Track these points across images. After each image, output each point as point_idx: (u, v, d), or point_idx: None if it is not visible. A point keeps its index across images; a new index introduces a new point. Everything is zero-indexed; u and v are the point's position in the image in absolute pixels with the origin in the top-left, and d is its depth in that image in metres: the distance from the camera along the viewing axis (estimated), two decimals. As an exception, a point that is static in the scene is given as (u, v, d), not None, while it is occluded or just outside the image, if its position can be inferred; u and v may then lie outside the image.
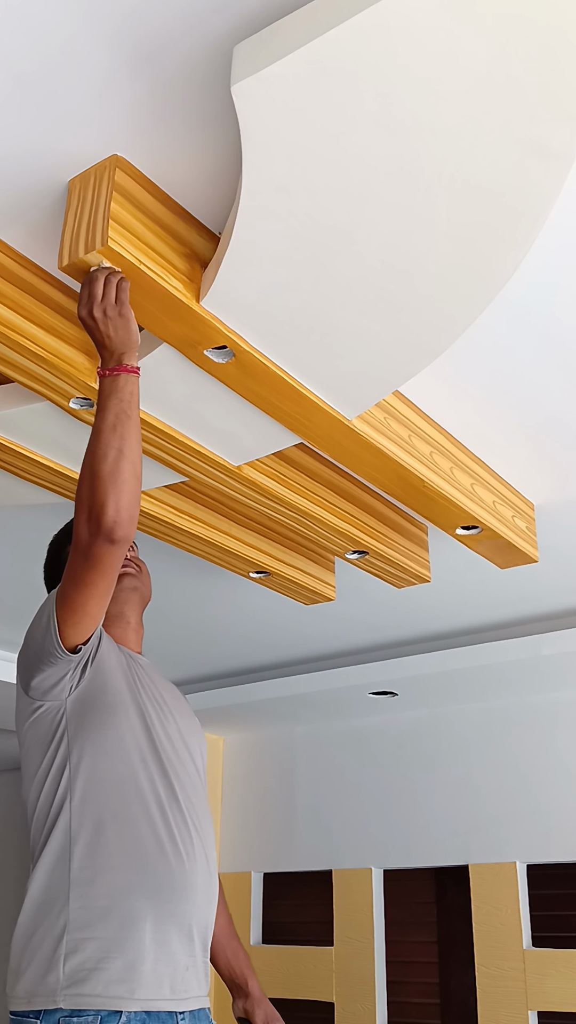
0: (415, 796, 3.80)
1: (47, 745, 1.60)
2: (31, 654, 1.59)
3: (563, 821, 3.45)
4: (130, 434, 1.41)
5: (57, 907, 1.51)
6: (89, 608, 1.52)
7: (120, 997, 1.45)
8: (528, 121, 1.24)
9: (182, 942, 1.55)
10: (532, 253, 1.58)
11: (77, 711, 1.60)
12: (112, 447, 1.40)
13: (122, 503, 1.40)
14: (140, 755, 1.61)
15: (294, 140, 1.27)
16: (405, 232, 1.43)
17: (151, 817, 1.57)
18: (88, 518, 1.42)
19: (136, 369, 1.44)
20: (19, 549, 2.79)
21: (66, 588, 1.52)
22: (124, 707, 1.64)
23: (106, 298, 1.41)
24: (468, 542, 2.41)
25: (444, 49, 1.14)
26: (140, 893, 1.52)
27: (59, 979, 1.46)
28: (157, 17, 1.20)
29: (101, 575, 1.47)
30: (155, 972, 1.50)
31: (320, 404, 1.81)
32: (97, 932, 1.49)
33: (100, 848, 1.53)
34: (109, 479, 1.39)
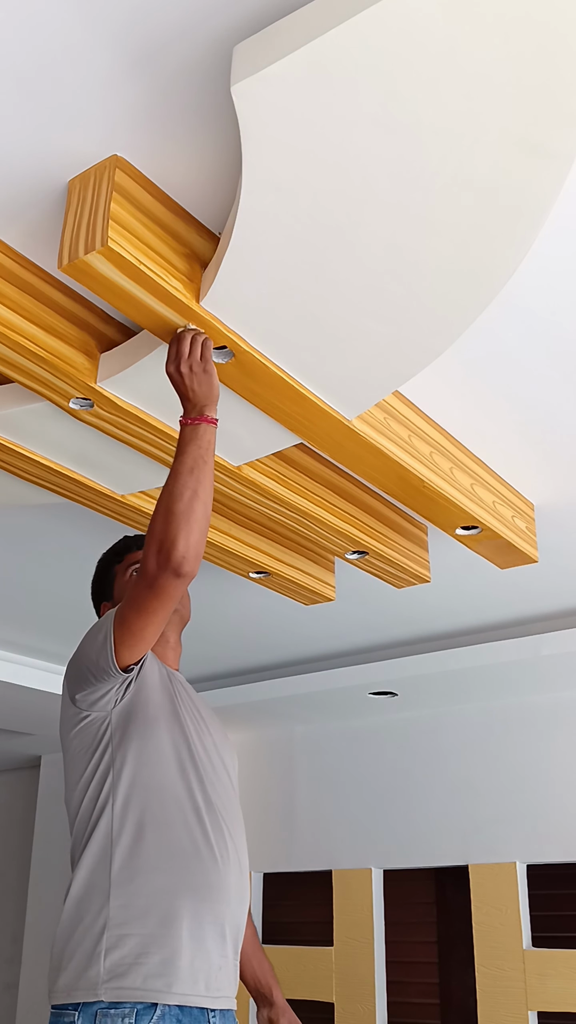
0: (415, 796, 3.80)
1: (92, 753, 1.70)
2: (83, 668, 1.70)
3: (563, 821, 3.45)
4: (205, 478, 1.53)
5: (98, 905, 1.60)
6: (147, 633, 1.62)
7: (158, 991, 1.54)
8: (527, 121, 1.24)
9: (216, 941, 1.63)
10: (532, 253, 1.58)
11: (122, 722, 1.71)
12: (188, 488, 1.51)
13: (192, 540, 1.51)
14: (179, 764, 1.71)
15: (294, 140, 1.27)
16: (405, 232, 1.43)
17: (188, 821, 1.67)
18: (159, 551, 1.51)
19: (215, 420, 1.57)
20: (19, 549, 2.79)
21: (127, 612, 1.61)
22: (165, 719, 1.74)
23: (192, 356, 1.54)
24: (468, 542, 2.41)
25: (444, 50, 1.14)
26: (177, 892, 1.61)
27: (100, 973, 1.54)
28: (157, 17, 1.20)
29: (162, 605, 1.57)
30: (191, 968, 1.58)
31: (320, 404, 1.81)
32: (136, 929, 1.57)
33: (140, 850, 1.63)
34: (183, 517, 1.50)
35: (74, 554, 2.81)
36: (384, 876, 3.84)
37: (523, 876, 3.51)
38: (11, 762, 5.35)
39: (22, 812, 5.42)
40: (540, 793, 3.53)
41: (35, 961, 4.74)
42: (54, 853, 4.84)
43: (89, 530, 2.64)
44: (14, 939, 5.14)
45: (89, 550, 2.77)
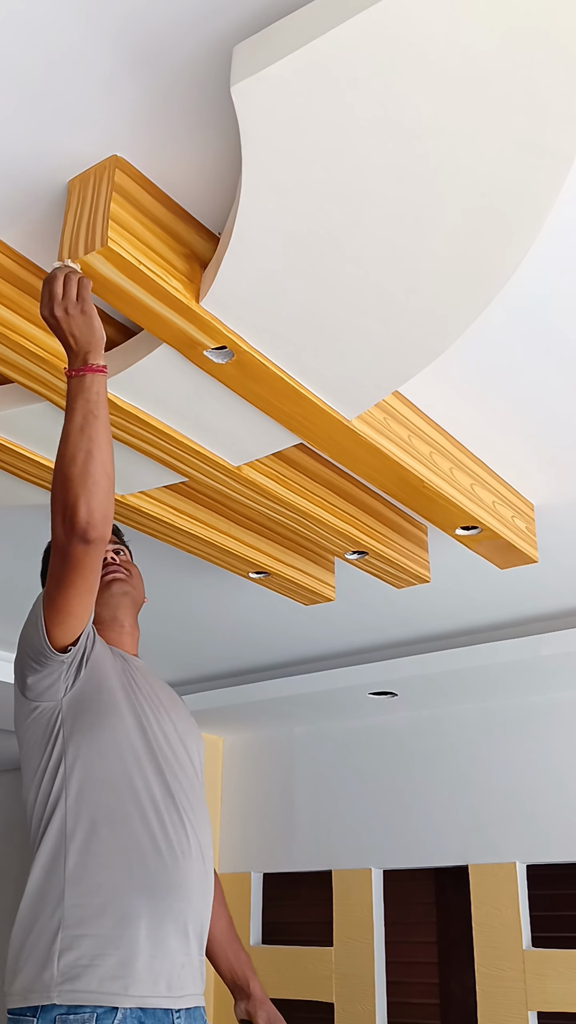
0: (415, 796, 3.80)
1: (43, 745, 1.63)
2: (25, 655, 1.63)
3: (563, 821, 3.45)
4: (99, 434, 1.40)
5: (52, 904, 1.53)
6: (72, 607, 1.53)
7: (115, 994, 1.47)
8: (527, 121, 1.24)
9: (178, 939, 1.56)
10: (532, 253, 1.58)
11: (72, 712, 1.63)
12: (81, 449, 1.40)
13: (94, 504, 1.40)
14: (134, 755, 1.64)
15: (294, 140, 1.27)
16: (404, 232, 1.43)
17: (145, 816, 1.59)
18: (63, 520, 1.42)
19: (103, 368, 1.42)
20: (18, 549, 2.79)
21: (49, 589, 1.54)
22: (118, 708, 1.66)
23: (67, 296, 1.38)
24: (468, 542, 2.41)
25: (443, 50, 1.14)
26: (135, 891, 1.54)
27: (54, 975, 1.47)
28: (157, 18, 1.20)
29: (80, 575, 1.48)
30: (150, 969, 1.51)
31: (320, 404, 1.81)
32: (92, 929, 1.50)
33: (94, 846, 1.55)
34: (79, 481, 1.39)
35: (74, 554, 2.80)
36: (384, 876, 3.84)
37: (523, 876, 3.51)
38: (10, 762, 5.35)
39: (22, 812, 5.42)
40: (540, 793, 3.53)
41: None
42: (54, 853, 4.84)
43: (89, 530, 2.64)
44: (14, 939, 5.14)
45: (89, 550, 2.77)
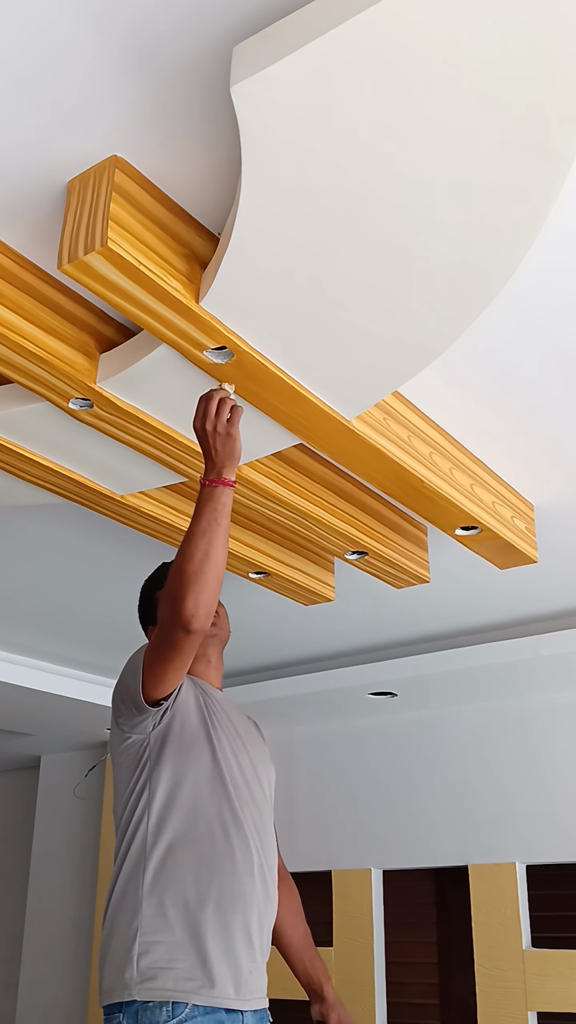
0: (415, 796, 3.80)
1: (132, 771, 1.84)
2: (123, 695, 1.83)
3: (563, 822, 3.45)
4: (218, 539, 1.60)
5: (130, 914, 1.74)
6: (168, 676, 1.74)
7: (188, 992, 1.67)
8: (527, 121, 1.24)
9: (244, 948, 1.75)
10: (532, 254, 1.58)
11: (158, 745, 1.84)
12: (199, 550, 1.59)
13: (201, 600, 1.59)
14: (209, 785, 1.83)
15: (294, 141, 1.27)
16: (404, 232, 1.43)
17: (215, 838, 1.79)
18: (171, 608, 1.61)
19: (233, 483, 1.63)
20: (19, 550, 2.79)
21: (151, 655, 1.75)
22: (197, 743, 1.86)
23: (219, 417, 1.60)
24: (467, 543, 2.41)
25: (443, 50, 1.14)
26: (206, 904, 1.73)
27: (133, 975, 1.69)
28: (157, 18, 1.20)
29: (178, 656, 1.69)
30: (223, 974, 1.70)
31: (319, 405, 1.81)
32: (166, 937, 1.71)
33: (169, 864, 1.76)
34: (192, 578, 1.59)
35: (74, 555, 2.81)
36: (384, 876, 3.84)
37: (523, 876, 3.51)
38: (11, 762, 5.35)
39: (22, 813, 5.42)
40: (540, 793, 3.53)
41: (35, 962, 4.74)
42: (54, 854, 4.84)
43: (89, 531, 2.64)
44: (13, 940, 5.14)
45: (89, 551, 2.78)
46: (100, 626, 3.43)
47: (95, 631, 3.48)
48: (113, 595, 3.12)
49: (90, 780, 4.79)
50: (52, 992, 4.61)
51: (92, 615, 3.32)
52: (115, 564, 2.87)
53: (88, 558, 2.83)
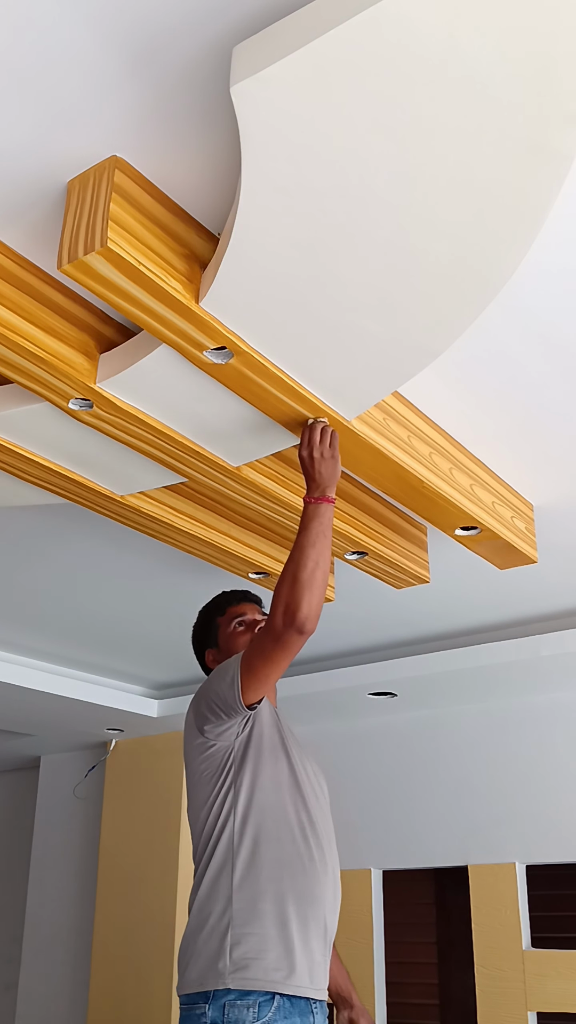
0: (415, 797, 3.80)
1: (216, 776, 1.96)
2: (212, 704, 1.94)
3: (562, 822, 3.45)
4: (325, 550, 1.82)
5: (221, 907, 1.86)
6: (271, 678, 1.89)
7: (276, 982, 1.79)
8: (527, 121, 1.24)
9: (318, 941, 1.88)
10: (532, 254, 1.58)
11: (242, 752, 1.97)
12: (311, 559, 1.79)
13: (313, 604, 1.78)
14: (287, 789, 1.97)
15: (293, 141, 1.27)
16: (404, 232, 1.43)
17: (295, 838, 1.93)
18: (285, 612, 1.78)
19: (333, 500, 1.86)
20: (18, 550, 2.79)
21: (254, 660, 1.87)
22: (276, 751, 2.01)
23: (323, 444, 1.84)
24: (467, 543, 2.41)
25: (443, 50, 1.14)
26: (288, 899, 1.86)
27: (226, 965, 1.80)
28: (157, 18, 1.20)
29: (285, 656, 1.84)
30: (302, 964, 1.83)
31: (319, 405, 1.81)
32: (256, 929, 1.83)
33: (256, 860, 1.89)
34: (306, 585, 1.77)
35: (74, 555, 2.81)
36: (384, 876, 3.84)
37: (522, 877, 3.51)
38: (11, 763, 5.35)
39: (22, 813, 5.42)
40: (539, 794, 3.53)
41: (34, 961, 4.74)
42: (54, 854, 4.84)
43: (89, 531, 2.64)
44: (13, 939, 5.14)
45: (89, 551, 2.77)
46: (100, 627, 3.43)
47: (95, 631, 3.48)
48: (113, 595, 3.12)
49: (90, 780, 4.79)
50: (52, 992, 4.61)
51: (92, 615, 3.32)
52: (115, 564, 2.87)
53: (88, 558, 2.83)
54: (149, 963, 4.12)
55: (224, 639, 2.19)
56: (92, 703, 3.91)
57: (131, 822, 4.42)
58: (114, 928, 4.31)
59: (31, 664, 3.78)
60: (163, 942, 4.11)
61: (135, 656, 3.77)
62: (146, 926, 4.19)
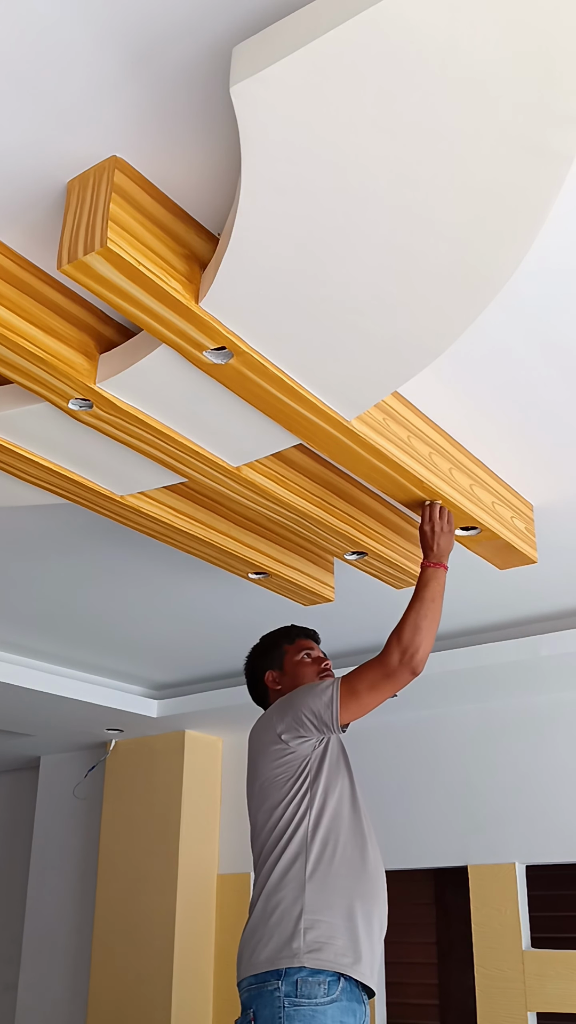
0: (414, 797, 3.80)
1: (293, 780, 2.16)
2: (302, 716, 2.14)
3: (562, 822, 3.45)
4: (438, 608, 2.15)
5: (294, 893, 2.05)
6: (370, 706, 2.13)
7: (345, 965, 1.97)
8: (527, 121, 1.24)
9: (377, 935, 2.09)
10: (531, 254, 1.58)
11: (317, 762, 2.19)
12: (431, 613, 2.12)
13: (426, 650, 2.09)
14: (348, 798, 2.20)
15: (293, 141, 1.27)
16: (404, 232, 1.43)
17: (357, 842, 2.15)
18: (403, 652, 2.08)
19: (446, 567, 2.20)
20: (18, 550, 2.79)
21: (359, 687, 2.11)
22: (342, 766, 2.25)
23: (442, 521, 2.20)
24: (467, 543, 2.41)
25: (443, 50, 1.14)
26: (354, 894, 2.07)
27: (301, 946, 1.97)
28: (156, 18, 1.20)
29: (391, 689, 2.11)
30: (366, 955, 2.02)
31: (319, 405, 1.81)
32: (326, 917, 2.02)
33: (326, 857, 2.09)
34: (425, 633, 2.09)
35: (74, 555, 2.81)
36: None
37: (522, 877, 3.51)
38: (11, 763, 5.35)
39: (22, 813, 5.42)
40: (539, 794, 3.53)
41: (34, 962, 4.74)
42: (53, 854, 4.84)
43: (89, 531, 2.64)
44: (13, 940, 5.14)
45: (89, 551, 2.78)
46: (99, 626, 3.43)
47: (95, 631, 3.48)
48: (113, 595, 3.12)
49: (89, 780, 4.79)
50: (52, 992, 4.60)
51: (92, 615, 3.32)
52: (114, 564, 2.87)
53: (88, 558, 2.83)
54: (149, 963, 4.12)
55: (291, 665, 2.40)
56: (92, 703, 3.91)
57: (131, 822, 4.42)
58: (114, 928, 4.31)
59: (31, 664, 3.78)
60: (163, 942, 4.11)
61: (135, 656, 3.77)
62: (146, 926, 4.19)
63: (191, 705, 4.03)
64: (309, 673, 2.35)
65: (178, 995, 4.00)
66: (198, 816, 4.32)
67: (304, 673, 2.35)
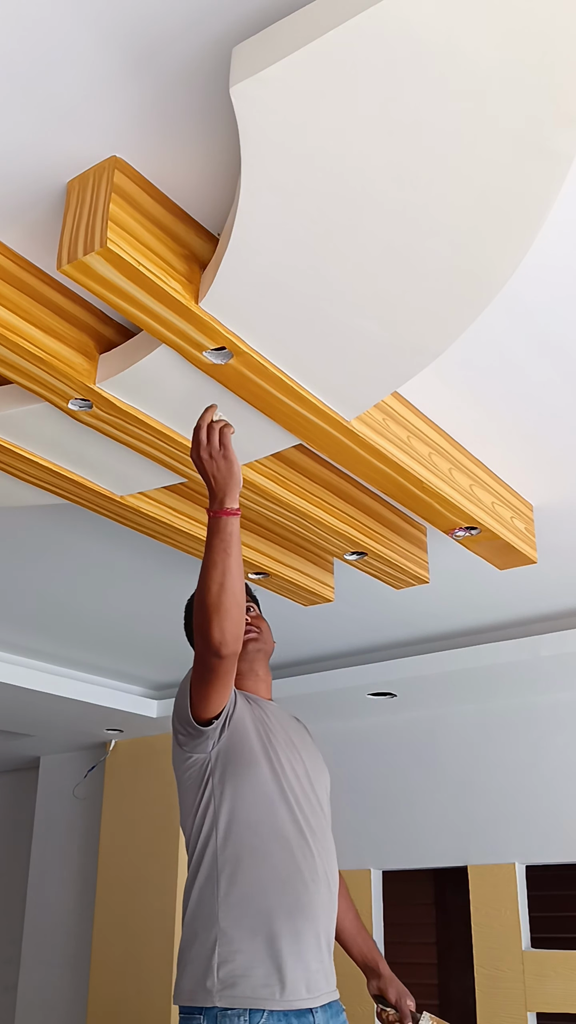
0: (414, 797, 3.80)
1: (197, 788, 1.90)
2: (179, 717, 1.90)
3: (562, 822, 3.45)
4: (231, 568, 1.66)
5: (208, 923, 1.82)
6: (212, 698, 1.82)
7: (265, 999, 1.75)
8: (527, 122, 1.24)
9: (313, 951, 1.84)
10: (531, 254, 1.58)
11: (220, 763, 1.90)
12: (215, 581, 1.66)
13: (226, 627, 1.67)
14: (270, 799, 1.89)
15: (293, 141, 1.27)
16: (403, 233, 1.43)
17: (283, 851, 1.86)
18: (201, 638, 1.70)
19: (237, 511, 1.68)
20: (18, 550, 2.79)
21: (193, 683, 1.83)
22: (256, 759, 1.91)
23: (211, 443, 1.65)
24: (467, 543, 2.41)
25: (443, 51, 1.14)
26: (276, 914, 1.81)
27: (214, 983, 1.77)
28: (157, 19, 1.20)
29: (218, 678, 1.77)
30: (293, 978, 1.78)
31: (319, 405, 1.81)
32: (244, 946, 1.79)
33: (240, 877, 1.83)
34: (213, 608, 1.66)
35: (74, 555, 2.81)
36: (383, 877, 3.84)
37: (522, 877, 3.51)
38: (10, 763, 5.35)
39: (21, 813, 5.42)
40: (539, 794, 3.53)
41: (34, 962, 4.74)
42: (53, 854, 4.84)
43: (88, 531, 2.64)
44: (12, 940, 5.14)
45: (88, 551, 2.78)
46: (99, 626, 3.43)
47: (95, 631, 3.48)
48: (112, 595, 3.12)
49: (89, 781, 4.79)
50: (51, 993, 4.60)
51: (91, 615, 3.31)
52: (114, 565, 2.87)
53: (88, 559, 2.83)
54: (149, 963, 4.12)
55: None
56: (92, 703, 3.91)
57: (131, 822, 4.42)
58: (114, 929, 4.31)
59: (31, 664, 3.78)
60: (163, 943, 4.11)
61: (135, 656, 3.77)
62: (146, 926, 4.20)
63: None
64: None
65: (178, 995, 4.00)
66: (198, 816, 4.32)
67: None
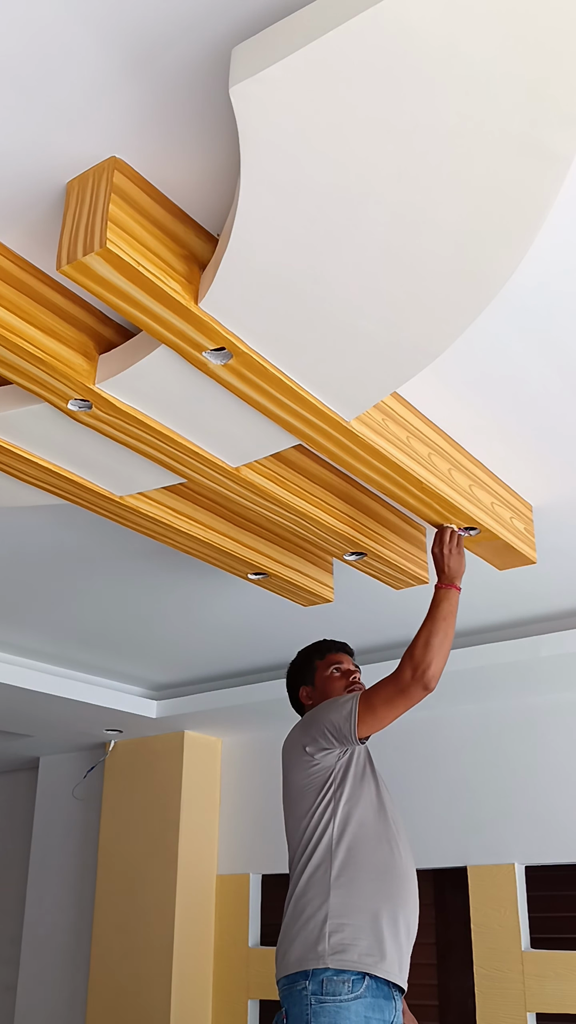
0: (413, 797, 3.79)
1: (319, 790, 2.30)
2: (324, 730, 2.27)
3: (561, 822, 3.45)
4: (451, 626, 2.23)
5: (319, 900, 2.19)
6: (387, 720, 2.23)
7: (369, 965, 2.10)
8: (527, 122, 1.24)
9: (405, 936, 2.20)
10: (531, 254, 1.58)
11: (341, 773, 2.32)
12: (442, 631, 2.19)
13: (438, 667, 2.17)
14: (374, 806, 2.31)
15: (293, 142, 1.27)
16: (403, 234, 1.43)
17: (383, 847, 2.26)
18: (415, 669, 2.16)
19: (459, 588, 2.27)
20: (18, 550, 2.79)
21: (375, 702, 2.22)
22: (367, 775, 2.36)
23: (451, 543, 2.29)
24: (467, 543, 2.41)
25: (442, 51, 1.14)
26: (380, 898, 2.19)
27: (326, 948, 2.12)
28: (156, 19, 1.20)
29: (406, 705, 2.20)
30: (391, 953, 2.13)
31: (318, 406, 1.81)
32: (351, 920, 2.15)
33: (351, 865, 2.22)
34: (437, 651, 2.17)
35: (73, 556, 2.81)
36: (383, 877, 3.83)
37: (522, 877, 3.51)
38: (10, 763, 5.35)
39: (21, 813, 5.42)
40: (539, 794, 3.53)
41: (33, 962, 4.73)
42: (52, 855, 4.84)
43: (88, 531, 2.64)
44: (12, 941, 5.13)
45: (88, 551, 2.77)
46: (100, 627, 3.43)
47: (95, 632, 3.48)
48: (112, 596, 3.12)
49: (89, 781, 4.79)
50: (51, 993, 4.60)
51: (92, 616, 3.31)
52: (114, 565, 2.87)
53: (87, 559, 2.83)
54: (148, 963, 4.12)
55: (320, 680, 2.50)
56: (91, 704, 3.91)
57: (130, 823, 4.42)
58: (113, 928, 4.31)
59: (31, 665, 3.78)
60: (162, 942, 4.11)
61: (134, 657, 3.77)
62: (145, 926, 4.19)
63: (190, 706, 4.03)
64: (337, 687, 2.46)
65: (177, 996, 4.00)
66: (197, 817, 4.32)
67: (332, 688, 2.46)
